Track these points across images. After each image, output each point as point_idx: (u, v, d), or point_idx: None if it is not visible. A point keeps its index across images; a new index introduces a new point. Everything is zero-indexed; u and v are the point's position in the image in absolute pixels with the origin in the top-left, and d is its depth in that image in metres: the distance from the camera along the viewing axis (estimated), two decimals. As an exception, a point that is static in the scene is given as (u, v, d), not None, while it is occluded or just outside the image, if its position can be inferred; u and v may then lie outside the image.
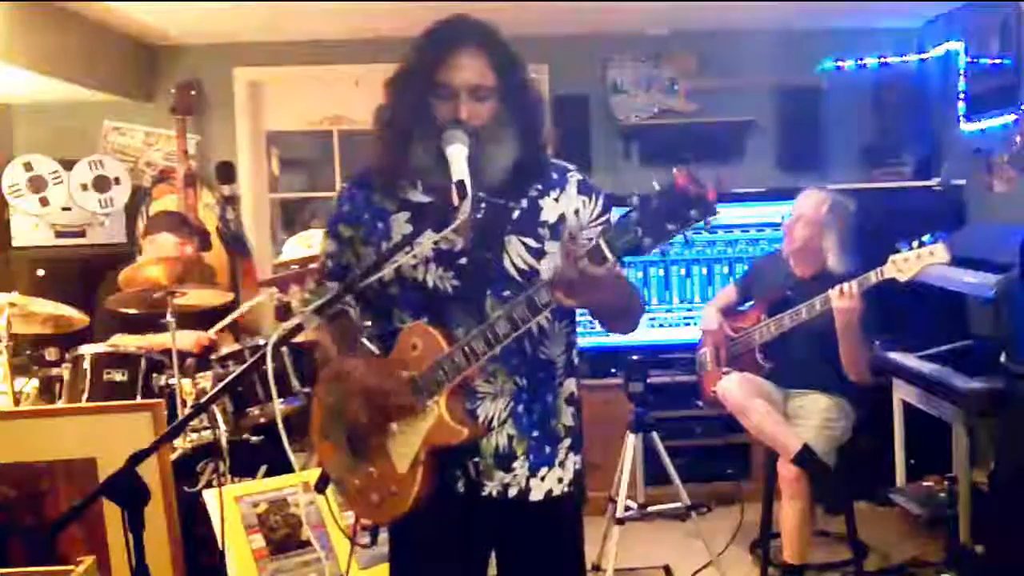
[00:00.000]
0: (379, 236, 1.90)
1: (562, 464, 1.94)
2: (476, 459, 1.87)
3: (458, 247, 1.85)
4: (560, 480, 1.94)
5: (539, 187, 1.91)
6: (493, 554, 2.03)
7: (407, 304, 1.89)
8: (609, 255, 1.61)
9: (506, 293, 1.83)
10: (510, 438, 1.88)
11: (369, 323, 2.02)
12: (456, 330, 1.82)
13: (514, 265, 1.86)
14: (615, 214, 1.80)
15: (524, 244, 1.87)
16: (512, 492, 1.89)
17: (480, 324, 1.77)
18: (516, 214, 1.88)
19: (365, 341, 2.01)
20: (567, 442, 1.96)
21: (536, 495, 1.90)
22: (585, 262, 1.61)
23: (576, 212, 1.92)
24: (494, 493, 1.88)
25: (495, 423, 1.87)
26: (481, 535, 1.94)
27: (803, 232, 3.55)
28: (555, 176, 1.94)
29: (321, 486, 2.02)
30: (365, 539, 2.05)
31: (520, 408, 1.88)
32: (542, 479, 1.91)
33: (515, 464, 1.88)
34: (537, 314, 1.72)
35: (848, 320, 3.24)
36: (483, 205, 1.82)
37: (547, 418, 1.92)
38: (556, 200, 1.91)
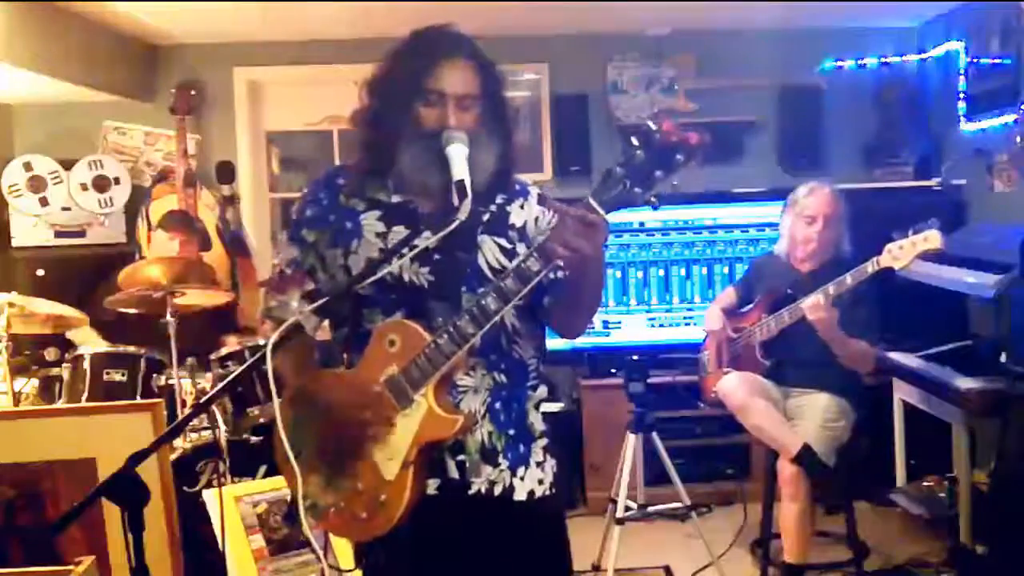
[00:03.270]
0: (348, 236, 1.90)
1: (540, 465, 1.95)
2: (461, 456, 1.87)
3: (432, 244, 1.84)
4: (541, 482, 1.94)
5: (504, 196, 1.96)
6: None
7: (380, 302, 1.87)
8: (598, 208, 1.64)
9: (480, 290, 1.82)
10: (489, 434, 1.89)
11: (330, 330, 1.99)
12: (434, 323, 1.80)
13: (488, 263, 1.89)
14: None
15: (497, 244, 1.91)
16: (497, 490, 1.88)
17: (456, 319, 1.75)
18: (487, 217, 1.92)
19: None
20: (541, 442, 1.97)
21: (519, 495, 1.90)
22: (579, 212, 1.65)
23: (536, 220, 1.98)
24: (482, 491, 1.87)
25: (477, 417, 1.87)
26: (466, 536, 1.90)
27: (830, 231, 3.54)
28: (517, 187, 2.00)
29: (293, 516, 1.93)
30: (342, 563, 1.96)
31: (497, 404, 1.89)
32: (522, 479, 1.91)
33: (499, 460, 1.89)
34: (527, 284, 1.71)
35: (824, 328, 3.28)
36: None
37: (522, 417, 1.94)
38: (521, 207, 1.98)
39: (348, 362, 1.92)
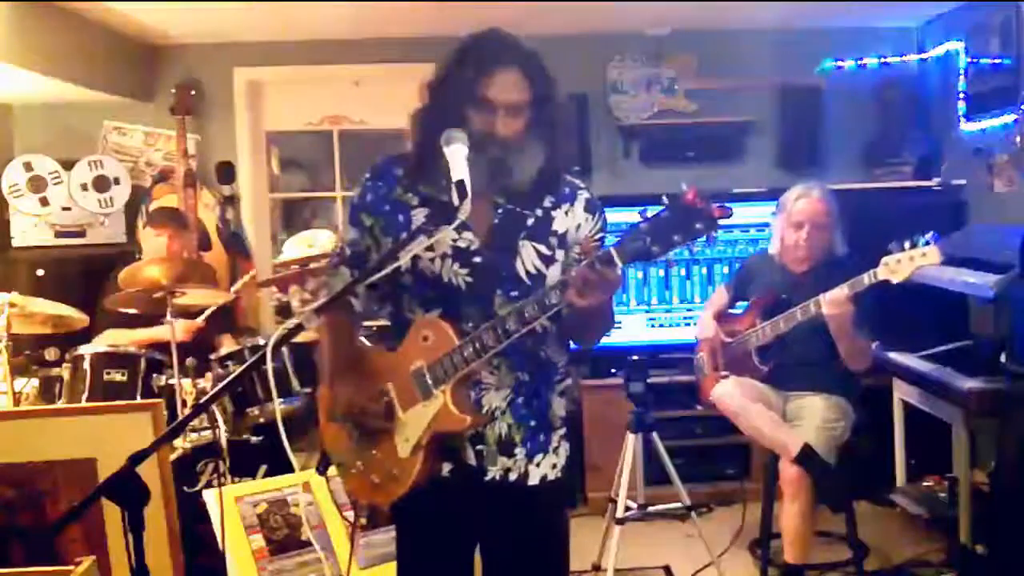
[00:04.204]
0: (399, 228, 1.99)
1: (556, 451, 2.07)
2: (480, 446, 1.98)
3: (475, 246, 1.95)
4: (554, 466, 2.06)
5: (552, 199, 2.02)
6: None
7: (419, 295, 1.99)
8: (618, 260, 1.72)
9: (514, 294, 1.94)
10: (509, 427, 2.00)
11: (375, 310, 2.13)
12: (466, 325, 1.92)
13: (525, 268, 1.97)
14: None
15: (536, 250, 1.98)
16: (512, 476, 2.00)
17: (488, 320, 1.87)
18: (531, 221, 1.99)
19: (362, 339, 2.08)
20: (561, 431, 2.09)
21: (533, 480, 2.02)
22: (598, 264, 1.72)
23: (578, 227, 2.03)
24: (497, 477, 1.99)
25: (497, 413, 1.98)
26: (477, 518, 2.04)
27: (819, 237, 3.51)
28: (567, 191, 2.05)
29: (322, 469, 2.12)
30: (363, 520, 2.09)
31: (519, 400, 2.00)
32: (537, 465, 2.03)
33: (516, 451, 2.00)
34: (545, 314, 1.82)
35: (840, 324, 3.26)
36: (500, 211, 1.96)
37: (544, 409, 2.05)
38: (566, 214, 2.03)
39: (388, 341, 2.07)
